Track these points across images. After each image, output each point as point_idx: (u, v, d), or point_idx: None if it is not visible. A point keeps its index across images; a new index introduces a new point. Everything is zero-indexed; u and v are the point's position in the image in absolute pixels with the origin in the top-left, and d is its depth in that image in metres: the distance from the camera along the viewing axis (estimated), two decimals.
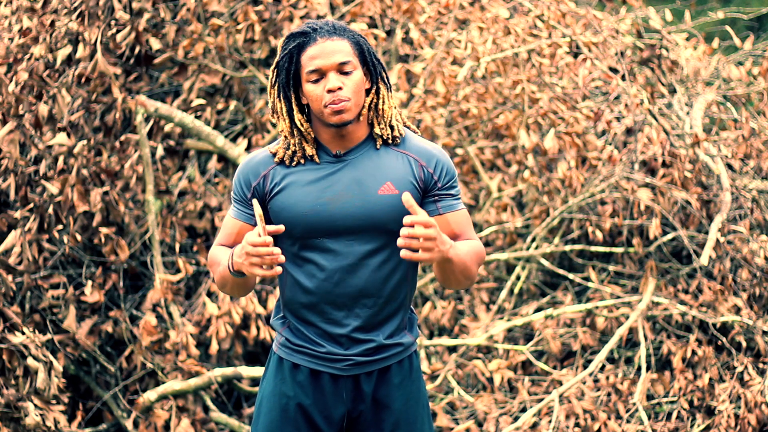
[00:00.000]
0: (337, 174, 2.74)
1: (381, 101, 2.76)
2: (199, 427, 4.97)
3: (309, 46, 2.70)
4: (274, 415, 2.85)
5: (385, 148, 2.77)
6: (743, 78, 6.07)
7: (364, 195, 2.72)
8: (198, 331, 5.06)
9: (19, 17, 5.19)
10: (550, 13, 5.48)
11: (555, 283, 5.80)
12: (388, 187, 2.73)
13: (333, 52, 2.69)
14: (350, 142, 2.76)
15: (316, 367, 2.82)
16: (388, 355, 2.83)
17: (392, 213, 2.71)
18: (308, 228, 2.73)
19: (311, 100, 2.71)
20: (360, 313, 2.77)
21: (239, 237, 2.80)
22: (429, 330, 5.48)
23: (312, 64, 2.69)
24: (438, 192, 2.77)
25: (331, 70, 2.68)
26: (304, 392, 2.83)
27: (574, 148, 5.38)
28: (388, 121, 2.77)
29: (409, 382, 2.88)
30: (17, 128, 4.82)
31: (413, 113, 5.41)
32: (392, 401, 2.85)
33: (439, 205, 2.77)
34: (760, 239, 5.25)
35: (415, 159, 2.76)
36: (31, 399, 4.27)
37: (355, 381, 2.83)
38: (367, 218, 2.72)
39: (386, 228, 2.73)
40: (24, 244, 4.70)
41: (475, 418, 4.99)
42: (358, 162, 2.75)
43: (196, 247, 5.29)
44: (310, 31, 2.72)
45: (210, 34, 5.45)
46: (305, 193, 2.73)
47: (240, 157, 5.36)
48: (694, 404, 4.93)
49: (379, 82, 2.76)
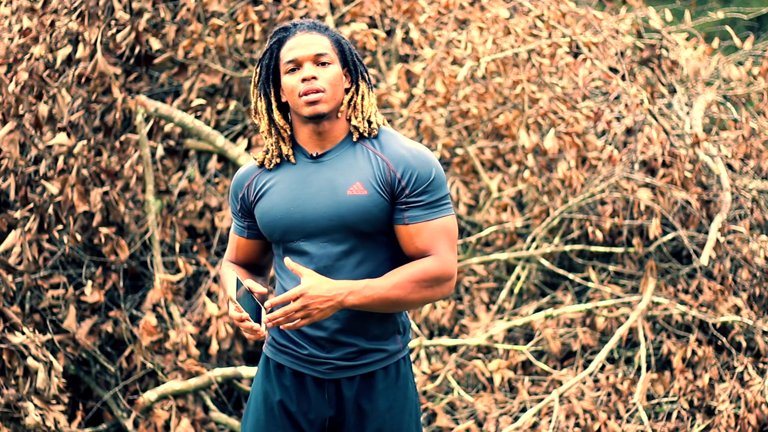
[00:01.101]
0: (312, 175, 2.73)
1: (360, 97, 2.74)
2: (199, 427, 4.97)
3: (288, 39, 2.73)
4: (261, 414, 2.85)
5: (362, 149, 2.73)
6: (743, 78, 6.07)
7: (335, 195, 2.69)
8: (198, 331, 5.05)
9: (19, 17, 5.19)
10: (550, 13, 5.48)
11: (555, 283, 5.80)
12: (357, 187, 2.68)
13: (310, 43, 2.71)
14: (328, 142, 2.74)
15: (299, 368, 2.81)
16: (372, 361, 2.79)
17: (361, 213, 2.67)
18: (284, 231, 2.73)
19: (287, 93, 2.71)
20: (339, 316, 2.73)
21: (239, 251, 2.90)
22: (429, 330, 5.47)
23: (289, 54, 2.70)
24: (406, 200, 2.68)
25: (308, 61, 2.69)
26: (287, 393, 2.82)
27: (574, 148, 5.37)
28: (367, 116, 2.74)
29: (394, 389, 2.82)
30: (17, 128, 4.82)
31: (413, 113, 5.41)
32: (374, 408, 2.80)
33: (406, 215, 2.68)
34: (760, 239, 5.25)
35: (385, 162, 2.69)
36: (31, 399, 4.27)
37: (337, 385, 2.80)
38: (337, 219, 2.68)
39: (357, 229, 2.69)
40: (24, 244, 4.70)
41: (475, 418, 4.99)
42: (334, 163, 2.72)
43: (196, 247, 5.29)
44: (290, 27, 2.75)
45: (210, 34, 5.45)
46: (281, 196, 2.74)
47: (240, 157, 5.36)
48: (694, 404, 4.93)
49: (359, 80, 2.75)
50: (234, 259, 2.92)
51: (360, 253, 2.71)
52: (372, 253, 2.72)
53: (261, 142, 5.49)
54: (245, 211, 2.83)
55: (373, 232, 2.70)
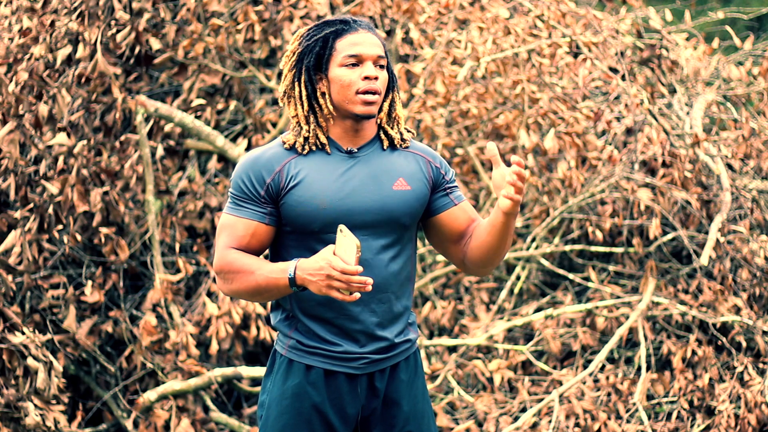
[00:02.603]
0: (352, 169, 2.76)
1: (396, 108, 2.84)
2: (199, 427, 4.97)
3: (349, 33, 2.74)
4: (286, 418, 2.82)
5: (390, 148, 2.84)
6: (743, 78, 6.07)
7: (380, 190, 2.76)
8: (198, 331, 5.05)
9: (19, 17, 5.19)
10: (550, 13, 5.48)
11: (555, 283, 5.81)
12: (401, 183, 2.80)
13: (374, 44, 2.75)
14: (361, 139, 2.79)
15: (332, 367, 2.81)
16: (399, 352, 2.86)
17: (405, 208, 2.79)
18: (326, 222, 2.73)
19: (340, 85, 2.72)
20: (375, 309, 2.79)
21: (254, 238, 2.76)
22: (429, 330, 5.48)
23: (353, 49, 2.72)
24: (447, 185, 2.88)
25: (370, 60, 2.73)
26: (318, 392, 2.81)
27: (574, 148, 5.38)
28: (401, 126, 2.86)
29: (415, 378, 2.92)
30: (17, 128, 4.82)
31: (413, 113, 5.41)
32: (401, 398, 2.88)
33: (452, 197, 2.88)
34: (760, 239, 5.25)
35: (422, 157, 2.86)
36: (31, 399, 4.27)
37: (370, 379, 2.84)
38: (384, 213, 2.76)
39: (400, 222, 2.79)
40: (24, 244, 4.70)
41: (475, 418, 4.99)
42: (369, 159, 2.79)
43: (196, 247, 5.29)
44: (350, 21, 2.77)
45: (210, 34, 5.45)
46: (323, 187, 2.73)
47: (240, 157, 5.36)
48: (694, 404, 4.93)
49: (394, 91, 2.83)
50: (244, 247, 2.77)
51: (396, 247, 2.81)
52: (403, 249, 2.83)
53: (273, 137, 5.49)
54: (271, 197, 2.75)
55: (411, 225, 2.83)
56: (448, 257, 2.94)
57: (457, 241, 2.88)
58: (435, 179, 2.86)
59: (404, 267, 2.83)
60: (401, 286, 2.84)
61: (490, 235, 2.77)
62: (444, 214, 2.87)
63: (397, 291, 2.82)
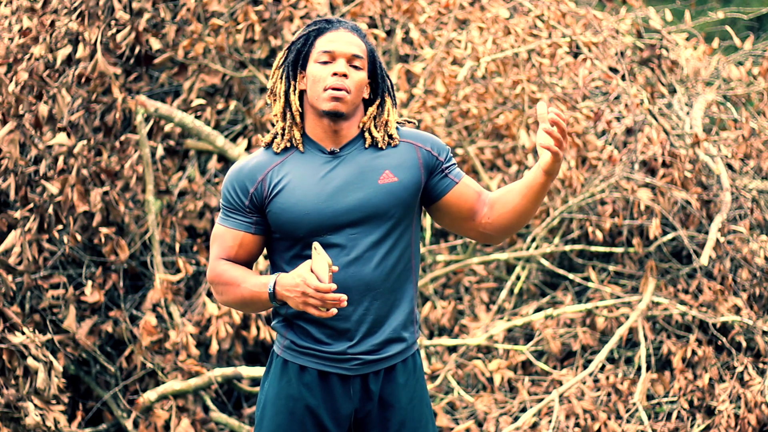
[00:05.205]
0: (335, 170, 2.75)
1: (386, 113, 2.81)
2: (199, 427, 4.97)
3: (329, 31, 2.76)
4: (281, 418, 2.83)
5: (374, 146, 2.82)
6: (743, 78, 6.07)
7: (365, 186, 2.74)
8: (198, 331, 5.05)
9: (19, 17, 5.19)
10: (550, 13, 5.48)
11: (555, 283, 5.81)
12: (387, 175, 2.76)
13: (350, 43, 2.74)
14: (343, 139, 2.77)
15: (324, 368, 2.80)
16: (394, 353, 2.83)
17: (393, 200, 2.75)
18: (312, 226, 2.73)
19: (312, 81, 2.73)
20: (369, 306, 2.77)
21: (241, 248, 2.80)
22: (429, 330, 5.48)
23: (327, 45, 2.73)
24: (444, 166, 2.83)
25: (343, 58, 2.73)
26: (311, 394, 2.81)
27: (574, 148, 5.38)
28: (389, 130, 2.81)
29: (413, 380, 2.88)
30: (17, 128, 4.82)
31: (413, 113, 5.41)
32: (397, 400, 2.85)
33: (452, 176, 2.83)
34: (760, 239, 5.25)
35: (411, 144, 2.81)
36: (31, 399, 4.27)
37: (364, 380, 2.82)
38: (370, 208, 2.73)
39: (388, 215, 2.75)
40: (24, 244, 4.70)
41: (475, 418, 4.99)
42: (354, 157, 2.77)
43: (196, 247, 5.29)
44: (334, 20, 2.78)
45: (210, 34, 5.45)
46: (305, 191, 2.73)
47: (240, 157, 5.36)
48: (694, 404, 4.93)
49: (385, 96, 2.81)
50: (233, 258, 2.82)
51: (388, 242, 2.77)
52: (398, 242, 2.79)
53: (270, 126, 5.48)
54: (256, 206, 2.77)
55: (402, 216, 2.78)
56: (464, 234, 2.90)
57: (471, 217, 2.84)
58: (428, 163, 2.81)
59: (400, 260, 2.79)
60: (398, 281, 2.80)
61: (525, 198, 2.75)
62: (449, 195, 2.83)
63: (393, 286, 2.79)
